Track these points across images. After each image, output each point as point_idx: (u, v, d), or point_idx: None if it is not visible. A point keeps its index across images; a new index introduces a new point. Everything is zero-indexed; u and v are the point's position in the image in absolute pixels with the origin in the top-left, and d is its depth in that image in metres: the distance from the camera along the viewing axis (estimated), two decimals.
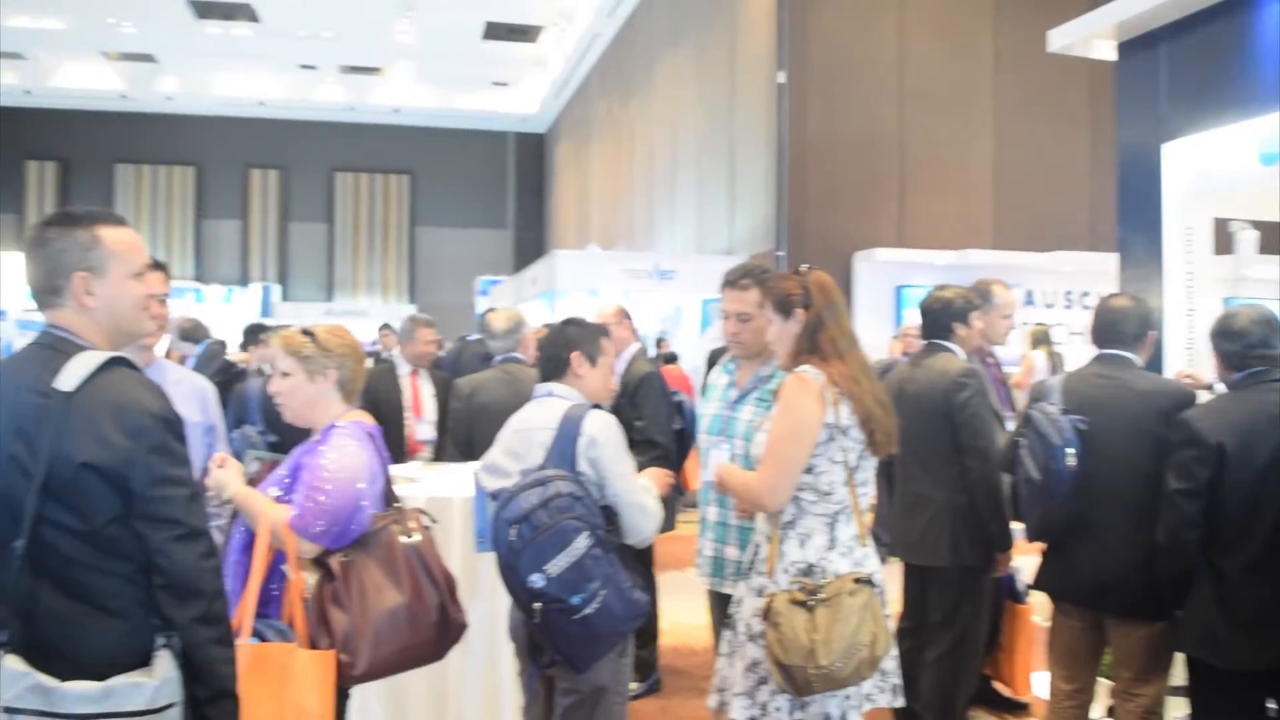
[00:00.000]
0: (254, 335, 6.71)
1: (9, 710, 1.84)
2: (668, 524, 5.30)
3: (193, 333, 8.11)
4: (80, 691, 1.86)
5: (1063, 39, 5.52)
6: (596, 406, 3.12)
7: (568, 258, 13.13)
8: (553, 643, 2.89)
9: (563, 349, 3.15)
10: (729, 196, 12.57)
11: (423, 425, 5.65)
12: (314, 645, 2.58)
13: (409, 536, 2.71)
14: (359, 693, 2.79)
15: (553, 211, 24.58)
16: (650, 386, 4.70)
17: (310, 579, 2.62)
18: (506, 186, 25.45)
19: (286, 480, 2.74)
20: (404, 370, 5.71)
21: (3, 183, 21.43)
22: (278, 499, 2.69)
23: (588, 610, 2.77)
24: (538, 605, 2.79)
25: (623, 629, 2.89)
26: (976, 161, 11.38)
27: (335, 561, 2.64)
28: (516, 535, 2.79)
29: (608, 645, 2.91)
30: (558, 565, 2.75)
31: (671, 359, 10.43)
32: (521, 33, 19.17)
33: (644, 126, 16.64)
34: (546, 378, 3.19)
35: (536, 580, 2.76)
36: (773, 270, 3.60)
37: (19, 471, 1.90)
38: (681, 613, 5.62)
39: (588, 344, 3.17)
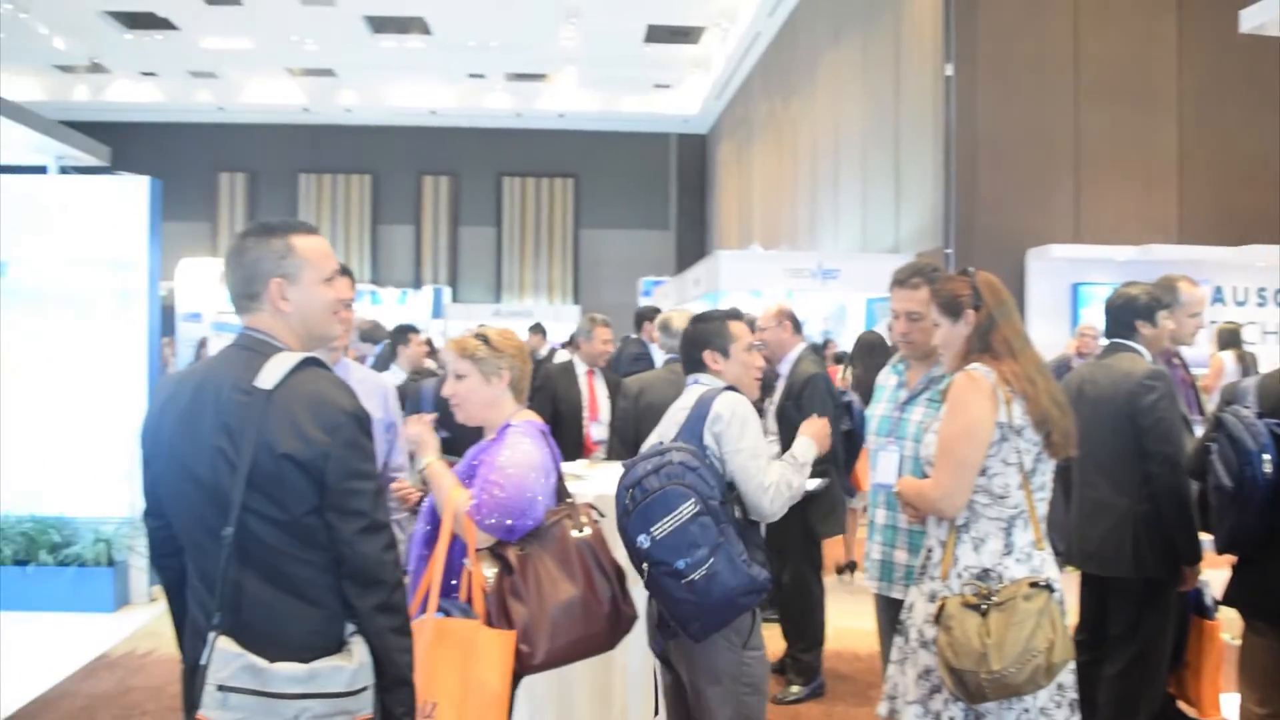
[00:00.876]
0: (403, 335, 6.90)
1: (222, 688, 1.94)
2: (837, 526, 5.27)
3: (371, 333, 8.44)
4: (289, 673, 1.95)
5: (1256, 18, 5.22)
6: (730, 388, 3.18)
7: (730, 258, 13.13)
8: (666, 608, 2.93)
9: (695, 348, 3.26)
10: (894, 193, 12.33)
11: (597, 426, 5.74)
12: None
13: (580, 531, 2.81)
14: (525, 681, 2.88)
15: (714, 212, 24.61)
16: (816, 387, 4.67)
17: (489, 572, 2.73)
18: (668, 188, 25.62)
19: (465, 479, 2.86)
20: (580, 370, 5.81)
21: (198, 193, 22.81)
22: None
23: (694, 576, 2.79)
24: (645, 566, 2.87)
25: (738, 602, 2.86)
26: (1159, 151, 10.80)
27: (513, 554, 2.75)
28: (630, 499, 2.90)
29: (720, 617, 2.88)
30: (662, 528, 2.81)
31: (842, 359, 10.32)
32: (683, 34, 19.26)
33: (806, 124, 16.48)
34: (689, 370, 3.31)
35: (643, 541, 2.84)
36: (942, 269, 3.52)
37: (225, 464, 2.00)
38: (847, 617, 5.55)
39: (716, 338, 3.25)
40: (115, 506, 6.66)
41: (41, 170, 7.08)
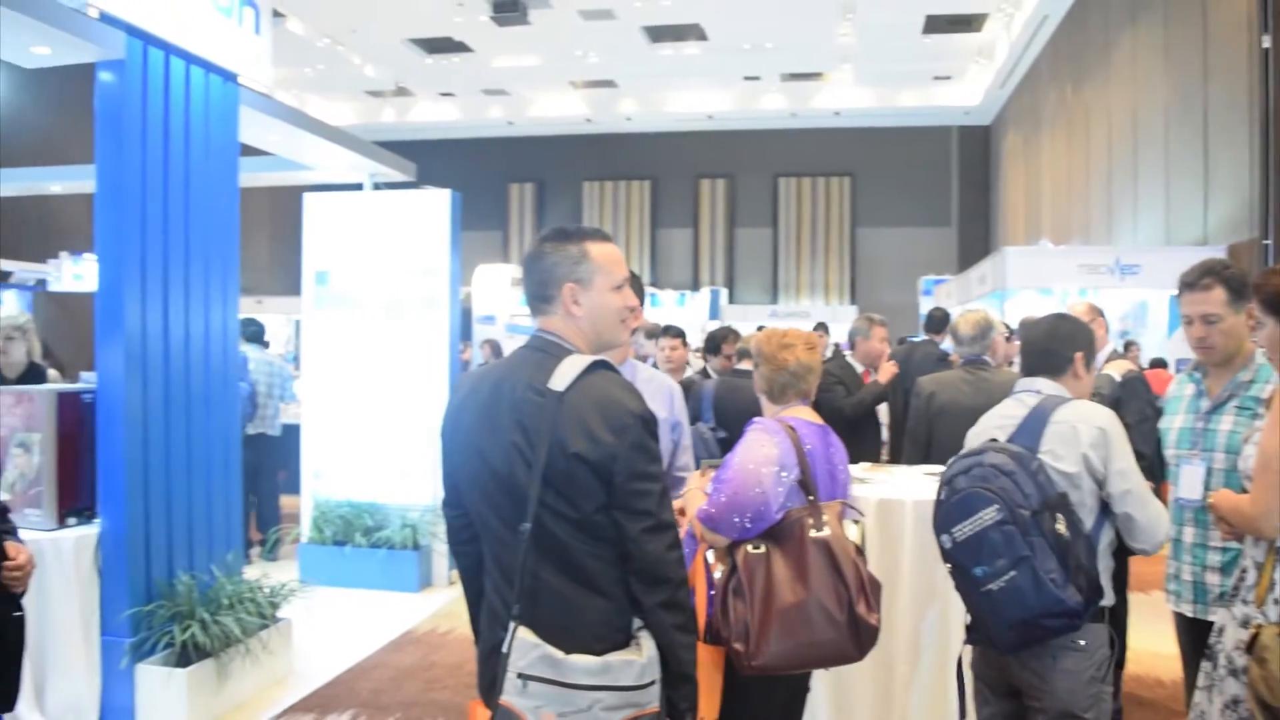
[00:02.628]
0: (715, 345, 6.81)
1: (522, 676, 2.01)
2: None
3: (654, 334, 8.63)
4: (584, 665, 2.01)
5: None
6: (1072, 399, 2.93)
7: (1018, 254, 12.48)
8: (971, 615, 2.81)
9: (1067, 346, 3.00)
10: (1202, 181, 11.32)
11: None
12: (715, 634, 2.72)
13: (819, 531, 2.75)
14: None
15: (999, 206, 23.54)
16: (1133, 392, 4.37)
17: (721, 570, 2.76)
18: (949, 183, 24.76)
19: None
20: (857, 370, 5.72)
21: (490, 204, 24.18)
22: None
23: (991, 586, 2.63)
24: (948, 566, 2.79)
25: (1042, 623, 2.63)
26: None
27: (743, 552, 2.75)
28: (942, 494, 2.80)
29: (1021, 634, 2.67)
30: (962, 531, 2.69)
31: (1161, 363, 9.68)
32: (964, 23, 18.55)
33: (1100, 110, 15.45)
34: (1035, 373, 3.03)
35: (944, 541, 2.75)
36: (1235, 265, 3.21)
37: (521, 460, 2.09)
38: (1149, 640, 5.18)
39: (1090, 346, 3.03)
40: (420, 495, 7.18)
41: (357, 187, 7.73)
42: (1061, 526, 2.68)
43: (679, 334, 6.14)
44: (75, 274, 15.37)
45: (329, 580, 6.75)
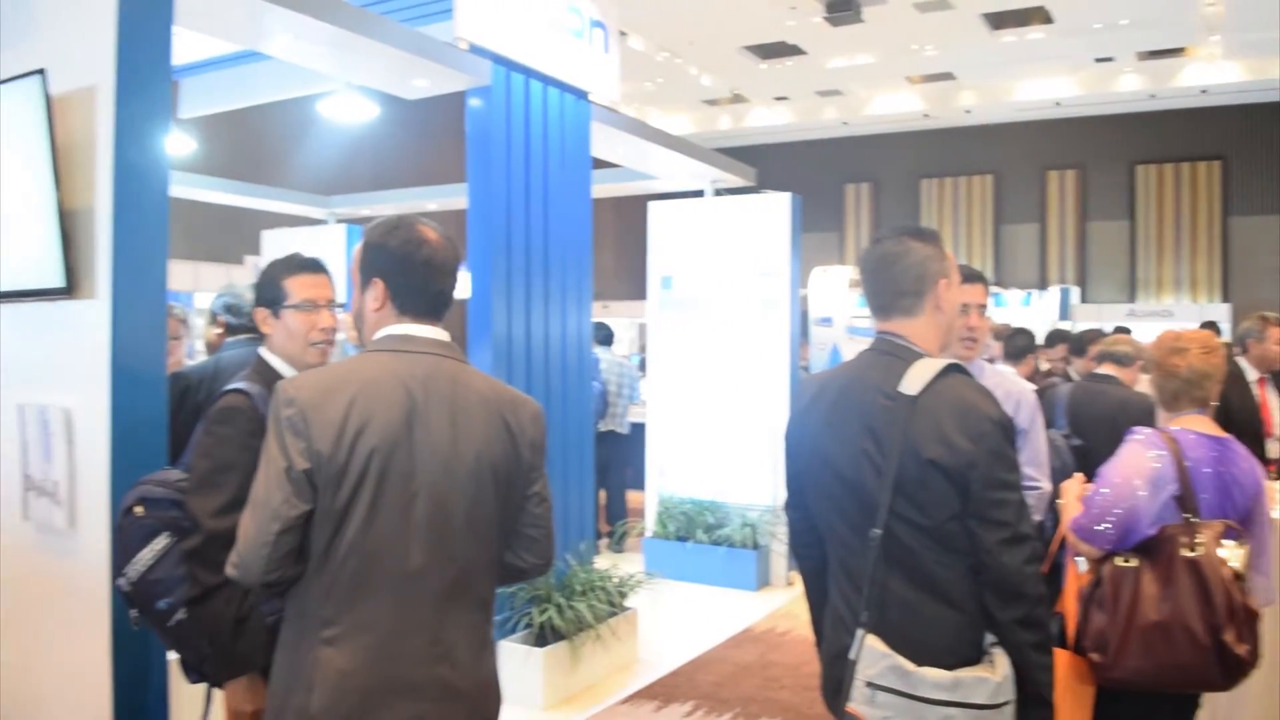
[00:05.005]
0: (1081, 347, 6.41)
1: (871, 685, 1.99)
2: None
3: (1001, 335, 8.29)
4: (934, 679, 1.96)
5: None
6: None
7: None
8: None
9: None
10: None
11: (1271, 442, 5.07)
12: (1078, 643, 2.64)
13: (1191, 551, 2.57)
14: None
15: None
16: None
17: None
18: None
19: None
20: (1251, 376, 5.20)
21: (826, 205, 24.10)
22: None
23: None
24: None
25: None
26: None
27: (1110, 565, 2.65)
28: None
29: None
30: None
31: None
32: None
33: None
34: None
35: None
36: None
37: (870, 466, 2.06)
38: None
39: None
40: (760, 495, 7.29)
41: (697, 194, 7.96)
42: None
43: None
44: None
45: (671, 574, 6.99)
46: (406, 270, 2.06)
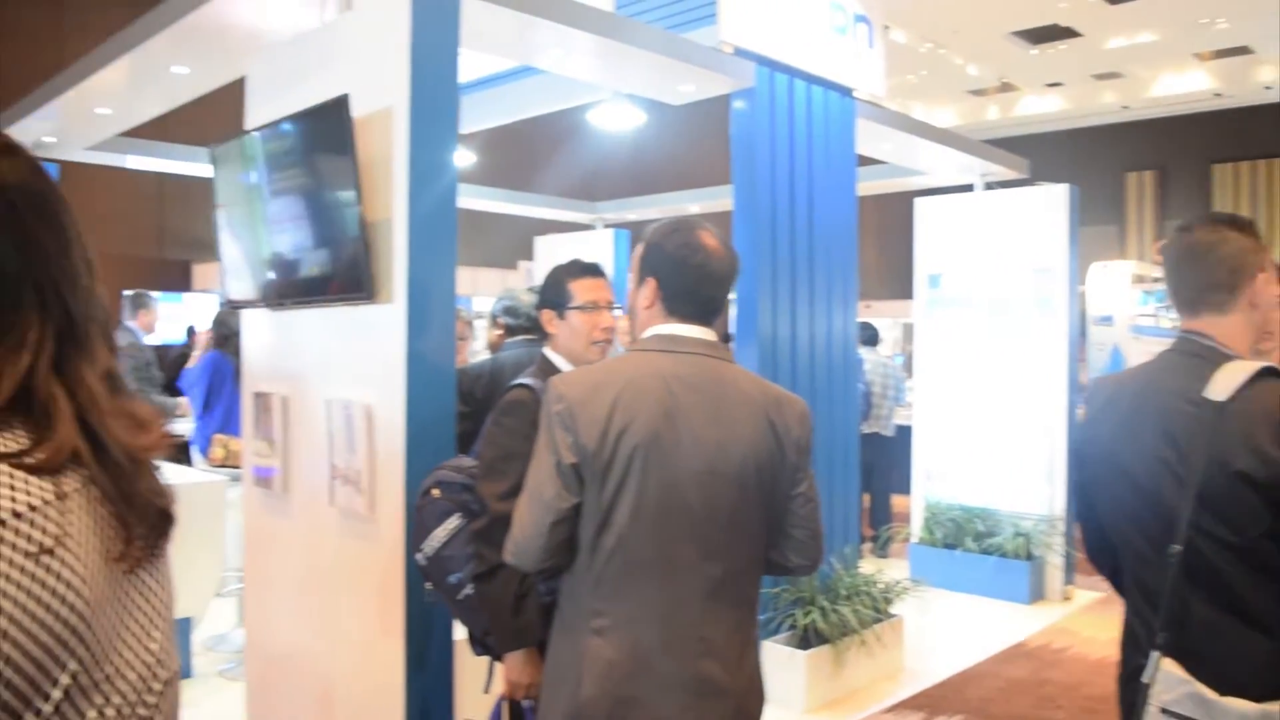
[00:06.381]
0: None
1: (1166, 711, 1.85)
2: None
3: None
4: (1240, 710, 1.80)
5: None
6: None
7: None
8: None
9: None
10: None
11: None
12: None
13: None
14: None
15: None
16: None
17: None
18: None
19: None
20: None
21: (1104, 196, 22.71)
22: None
23: None
24: None
25: None
26: None
27: None
28: None
29: None
30: None
31: None
32: None
33: None
34: None
35: None
36: None
37: (1169, 476, 1.91)
38: None
39: None
40: (1035, 503, 6.96)
41: (968, 188, 7.69)
42: None
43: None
44: None
45: (937, 581, 6.78)
46: (679, 273, 2.11)
